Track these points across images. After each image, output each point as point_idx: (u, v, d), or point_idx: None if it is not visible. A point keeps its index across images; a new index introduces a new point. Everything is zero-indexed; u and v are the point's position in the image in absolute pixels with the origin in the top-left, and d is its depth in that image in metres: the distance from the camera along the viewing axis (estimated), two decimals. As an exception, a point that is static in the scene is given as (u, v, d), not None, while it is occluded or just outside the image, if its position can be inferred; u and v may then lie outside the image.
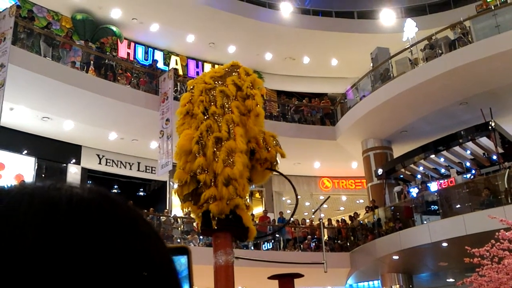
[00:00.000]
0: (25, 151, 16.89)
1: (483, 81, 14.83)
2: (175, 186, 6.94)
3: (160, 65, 20.94)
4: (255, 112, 6.77)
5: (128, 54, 20.88)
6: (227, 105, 6.74)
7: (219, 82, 7.01)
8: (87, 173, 18.36)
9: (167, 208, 18.41)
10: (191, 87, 7.24)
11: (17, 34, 14.24)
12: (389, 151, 18.86)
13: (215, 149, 6.40)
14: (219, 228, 6.47)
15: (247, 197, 6.92)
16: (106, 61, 17.10)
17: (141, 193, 20.72)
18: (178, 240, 16.21)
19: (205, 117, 6.70)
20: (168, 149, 15.06)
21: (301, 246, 17.89)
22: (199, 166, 6.37)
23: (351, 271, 17.49)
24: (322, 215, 14.65)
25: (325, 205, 17.56)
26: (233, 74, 7.10)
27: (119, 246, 0.51)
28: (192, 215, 6.99)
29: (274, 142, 6.95)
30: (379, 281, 17.35)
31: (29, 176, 16.62)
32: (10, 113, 15.17)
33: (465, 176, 16.88)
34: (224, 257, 6.29)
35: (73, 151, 17.97)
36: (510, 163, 14.87)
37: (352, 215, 19.44)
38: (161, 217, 16.95)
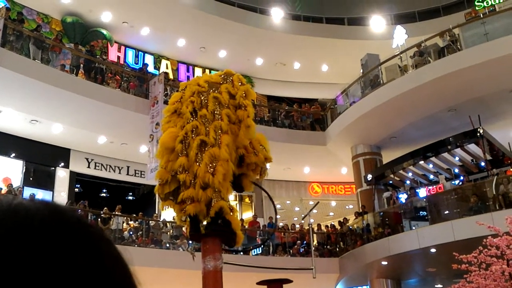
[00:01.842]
0: (13, 154, 16.74)
1: (472, 88, 14.95)
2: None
3: (151, 69, 20.87)
4: (246, 123, 6.76)
5: (118, 57, 20.81)
6: (218, 112, 6.72)
7: (214, 88, 6.99)
8: (75, 177, 18.24)
9: (156, 212, 18.31)
10: (183, 87, 7.23)
11: (6, 37, 14.13)
12: (379, 157, 18.94)
13: (198, 152, 6.39)
14: (208, 233, 6.44)
15: (229, 201, 6.93)
16: (96, 64, 17.01)
17: (130, 197, 20.62)
18: (167, 245, 16.13)
19: (193, 117, 6.69)
20: (156, 153, 14.99)
21: (290, 251, 17.87)
22: (180, 165, 6.37)
23: (340, 277, 17.49)
24: (312, 220, 14.66)
25: (314, 210, 17.51)
26: (227, 81, 7.09)
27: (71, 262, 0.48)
28: (175, 218, 6.96)
29: (261, 146, 6.97)
30: (368, 286, 17.37)
31: (17, 180, 16.47)
32: (-2, 115, 15.06)
33: (453, 182, 16.99)
34: (213, 263, 6.26)
35: (61, 154, 17.84)
36: (498, 170, 14.99)
37: (342, 221, 19.47)
38: (150, 222, 16.86)
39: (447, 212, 15.27)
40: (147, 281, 0.60)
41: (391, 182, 18.58)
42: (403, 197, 17.41)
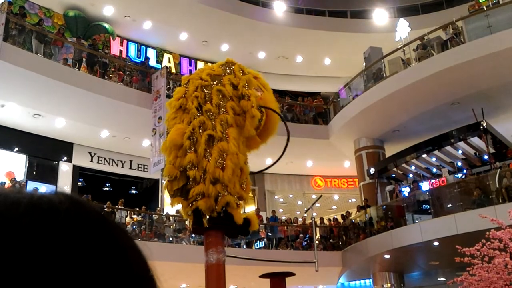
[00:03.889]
0: (16, 148, 16.78)
1: (475, 81, 14.90)
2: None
3: (153, 63, 20.86)
4: (251, 113, 6.70)
5: (121, 51, 20.79)
6: (222, 105, 6.70)
7: (216, 80, 6.96)
8: (78, 171, 18.27)
9: (160, 206, 18.36)
10: (186, 81, 7.18)
11: (8, 31, 14.12)
12: (381, 150, 18.91)
13: (206, 147, 6.38)
14: (210, 227, 6.45)
15: (250, 193, 6.91)
16: (99, 58, 17.01)
17: (133, 191, 20.64)
18: (170, 239, 16.18)
19: (199, 113, 6.68)
20: (160, 147, 14.99)
21: (293, 244, 17.91)
22: (189, 162, 6.35)
23: (342, 270, 17.53)
24: (314, 214, 14.64)
25: (317, 204, 17.55)
26: (229, 72, 7.05)
27: (91, 253, 0.49)
28: (181, 212, 6.95)
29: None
30: (371, 280, 17.40)
31: (20, 174, 16.52)
32: (1, 110, 15.08)
33: (456, 175, 16.96)
34: (216, 256, 6.28)
35: (64, 148, 17.87)
36: (501, 163, 14.97)
37: (344, 214, 19.49)
38: (154, 216, 16.90)
39: (450, 205, 15.26)
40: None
41: (394, 175, 18.57)
42: (406, 190, 17.40)
